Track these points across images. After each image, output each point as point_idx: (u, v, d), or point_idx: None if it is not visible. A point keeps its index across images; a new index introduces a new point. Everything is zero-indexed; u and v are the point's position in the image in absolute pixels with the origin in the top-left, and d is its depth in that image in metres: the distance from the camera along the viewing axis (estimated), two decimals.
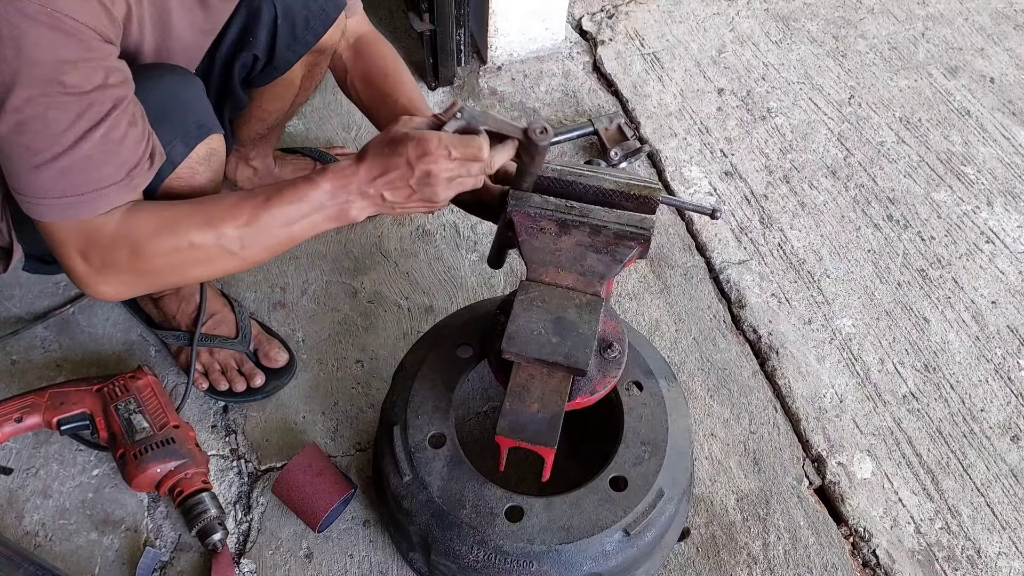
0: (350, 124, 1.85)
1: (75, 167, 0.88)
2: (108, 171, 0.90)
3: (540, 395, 1.01)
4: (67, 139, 0.86)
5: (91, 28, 0.85)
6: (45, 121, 0.84)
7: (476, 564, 1.07)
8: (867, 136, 1.90)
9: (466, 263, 1.62)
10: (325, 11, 1.23)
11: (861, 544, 1.30)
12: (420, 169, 0.93)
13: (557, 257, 1.08)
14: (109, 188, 0.91)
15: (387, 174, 0.95)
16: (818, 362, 1.50)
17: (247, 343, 1.41)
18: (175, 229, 0.95)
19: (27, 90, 0.82)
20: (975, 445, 1.41)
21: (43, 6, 0.80)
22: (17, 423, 1.26)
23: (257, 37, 1.19)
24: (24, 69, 0.81)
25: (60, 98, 0.84)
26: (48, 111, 0.84)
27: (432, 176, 0.94)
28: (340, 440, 1.38)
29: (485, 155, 0.96)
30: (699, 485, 1.34)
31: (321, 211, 0.97)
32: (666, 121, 1.90)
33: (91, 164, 0.88)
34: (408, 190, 0.96)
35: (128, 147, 0.91)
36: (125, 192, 0.92)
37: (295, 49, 1.25)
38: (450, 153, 0.93)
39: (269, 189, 0.97)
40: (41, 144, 0.86)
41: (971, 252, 1.69)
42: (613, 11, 2.16)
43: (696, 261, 1.65)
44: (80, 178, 0.89)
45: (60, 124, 0.85)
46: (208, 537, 1.21)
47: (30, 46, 0.81)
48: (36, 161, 0.87)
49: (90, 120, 0.86)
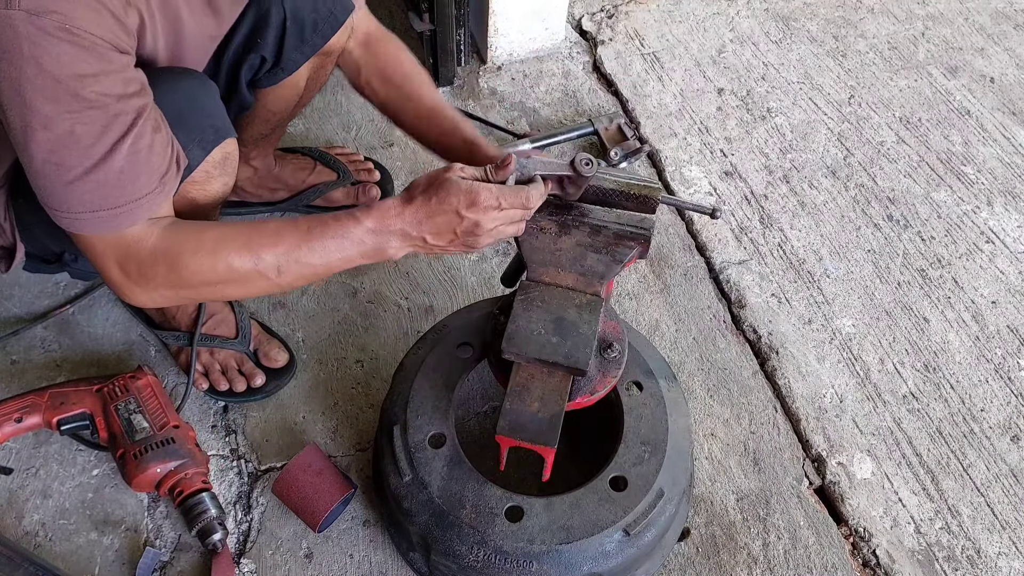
0: (350, 124, 1.85)
1: (109, 180, 0.88)
2: (142, 182, 0.91)
3: (540, 395, 1.01)
4: (97, 152, 0.86)
5: (107, 41, 0.85)
6: (73, 136, 0.85)
7: (476, 564, 1.07)
8: (867, 136, 1.90)
9: (466, 263, 1.62)
10: (333, 14, 1.24)
11: (861, 544, 1.30)
12: (469, 220, 0.96)
13: (557, 257, 1.08)
14: (144, 198, 0.92)
15: (433, 219, 0.97)
16: (818, 362, 1.50)
17: (247, 343, 1.41)
18: (215, 251, 0.96)
19: (51, 106, 0.83)
20: (975, 445, 1.41)
21: (60, 23, 0.80)
22: (17, 423, 1.26)
23: (265, 39, 1.20)
24: (48, 87, 0.82)
25: (85, 112, 0.85)
26: (75, 126, 0.85)
27: (479, 226, 0.97)
28: (340, 440, 1.38)
29: (534, 204, 1.00)
30: (699, 485, 1.34)
31: (360, 247, 0.99)
32: (666, 121, 1.90)
33: (125, 176, 0.89)
34: (452, 235, 0.99)
35: (157, 154, 0.92)
36: (159, 199, 0.94)
37: (303, 51, 1.25)
38: (500, 204, 0.96)
39: (312, 220, 0.99)
40: (72, 159, 0.86)
41: (971, 252, 1.69)
42: (613, 11, 2.16)
43: (696, 261, 1.65)
44: (115, 191, 0.90)
45: (88, 138, 0.86)
46: (208, 537, 1.21)
47: (51, 63, 0.81)
48: (68, 177, 0.87)
49: (117, 132, 0.87)
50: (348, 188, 1.64)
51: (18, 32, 0.79)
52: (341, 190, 1.64)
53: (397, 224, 0.98)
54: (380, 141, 1.82)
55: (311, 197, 1.62)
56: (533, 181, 1.03)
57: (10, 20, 0.79)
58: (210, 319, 1.40)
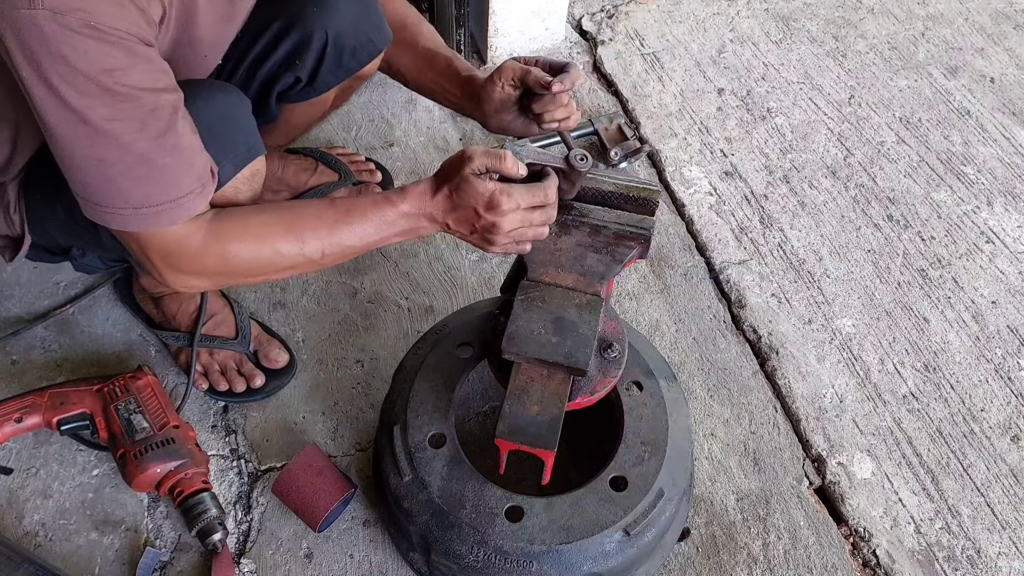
0: (350, 124, 1.85)
1: (152, 177, 0.89)
2: (185, 181, 0.92)
3: (540, 397, 1.01)
4: (137, 148, 0.87)
5: (132, 35, 0.86)
6: (111, 131, 0.85)
7: (476, 564, 1.07)
8: (867, 136, 1.90)
9: (466, 263, 1.62)
10: (373, 42, 1.26)
11: (861, 544, 1.30)
12: (487, 220, 1.00)
13: (557, 257, 1.08)
14: (186, 197, 0.93)
15: (456, 211, 1.02)
16: (818, 362, 1.50)
17: (247, 344, 1.41)
18: (263, 237, 1.00)
19: (85, 100, 0.83)
20: (975, 445, 1.41)
21: (85, 20, 0.81)
22: (17, 423, 1.26)
23: (304, 61, 1.23)
24: (79, 83, 0.82)
25: (118, 106, 0.85)
26: (111, 121, 0.85)
27: (496, 227, 1.00)
28: (340, 440, 1.38)
29: (552, 197, 1.03)
30: (699, 485, 1.34)
31: (396, 227, 1.04)
32: (666, 121, 1.90)
33: (168, 174, 0.90)
34: (471, 228, 1.03)
35: (199, 156, 0.93)
36: (200, 200, 0.95)
37: (337, 75, 1.28)
38: (519, 206, 1.00)
39: (348, 202, 1.04)
40: (112, 154, 0.87)
41: (971, 252, 1.69)
42: (613, 11, 2.16)
43: (696, 261, 1.65)
44: (158, 188, 0.90)
45: (127, 133, 0.86)
46: (208, 537, 1.21)
47: (79, 60, 0.82)
48: (111, 172, 0.88)
49: (156, 129, 0.87)
50: (349, 189, 1.64)
51: (43, 31, 0.80)
52: (343, 190, 1.64)
53: (428, 208, 1.03)
54: (380, 141, 1.82)
55: (313, 197, 1.62)
56: (545, 176, 1.03)
57: (34, 20, 0.79)
58: (210, 319, 1.40)
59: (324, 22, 1.20)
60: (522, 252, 1.07)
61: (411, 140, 1.83)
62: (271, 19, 1.20)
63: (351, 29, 1.23)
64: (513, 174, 1.01)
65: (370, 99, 1.89)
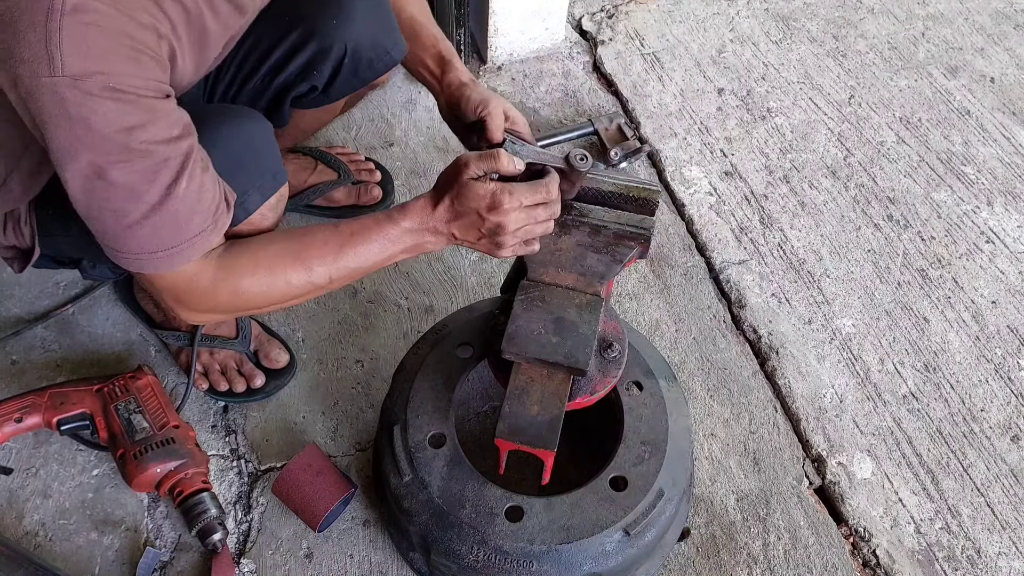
0: (350, 124, 1.85)
1: (166, 223, 0.91)
2: (196, 221, 0.93)
3: (540, 397, 1.01)
4: (152, 197, 0.88)
5: (151, 91, 0.87)
6: (126, 185, 0.87)
7: (476, 564, 1.07)
8: (867, 136, 1.90)
9: (466, 263, 1.62)
10: (390, 54, 1.26)
11: (861, 544, 1.30)
12: (491, 221, 0.99)
13: (557, 257, 1.08)
14: (198, 236, 0.94)
15: (460, 219, 1.01)
16: (818, 362, 1.50)
17: (247, 344, 1.41)
18: (272, 269, 1.01)
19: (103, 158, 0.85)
20: (975, 445, 1.41)
21: (105, 83, 0.82)
22: (17, 423, 1.26)
23: (321, 72, 1.24)
24: (98, 143, 0.84)
25: (135, 161, 0.86)
26: (127, 176, 0.87)
27: (502, 227, 1.00)
28: (340, 440, 1.38)
29: (554, 194, 1.02)
30: (699, 485, 1.34)
31: (400, 245, 1.04)
32: (666, 121, 1.90)
33: (180, 218, 0.91)
34: (477, 233, 1.02)
35: (208, 192, 0.94)
36: (213, 236, 0.96)
37: (352, 84, 1.29)
38: (521, 203, 0.99)
39: (353, 224, 1.04)
40: (127, 206, 0.89)
41: (971, 252, 1.69)
42: (613, 11, 2.16)
43: (696, 261, 1.65)
44: (172, 232, 0.92)
45: (141, 185, 0.88)
46: (208, 537, 1.21)
47: (99, 122, 0.83)
48: (127, 222, 0.90)
49: (169, 176, 0.89)
50: (349, 188, 1.64)
51: (64, 98, 0.81)
52: (342, 190, 1.64)
53: (431, 222, 1.02)
54: (380, 141, 1.82)
55: (312, 196, 1.62)
56: (546, 173, 1.03)
57: (55, 88, 0.81)
58: None
59: (343, 34, 1.21)
60: (531, 252, 1.06)
61: (411, 140, 1.83)
62: (291, 28, 1.21)
63: (369, 41, 1.23)
64: (511, 171, 1.01)
65: (370, 99, 1.89)
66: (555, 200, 1.03)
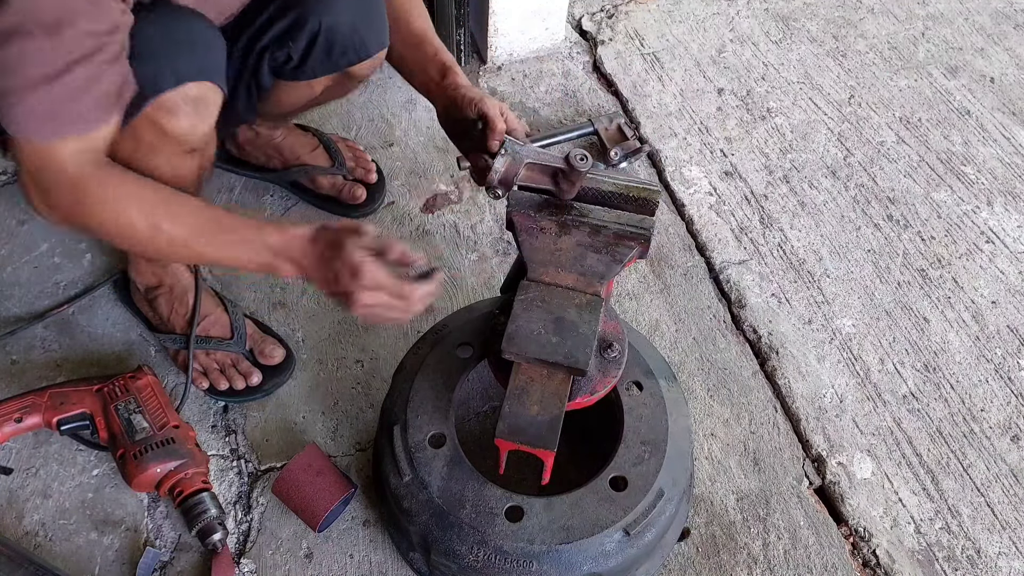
0: (350, 124, 1.85)
1: (57, 95, 0.89)
2: (87, 101, 0.91)
3: (540, 397, 1.01)
4: (53, 70, 0.87)
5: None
6: (34, 52, 0.86)
7: (476, 564, 1.07)
8: (867, 136, 1.90)
9: (466, 263, 1.62)
10: (365, 44, 1.28)
11: (861, 544, 1.30)
12: (346, 286, 1.01)
13: (557, 257, 1.08)
14: (83, 115, 0.92)
15: (319, 267, 1.03)
16: (818, 362, 1.50)
17: (243, 344, 1.41)
18: (127, 201, 0.99)
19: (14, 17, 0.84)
20: (975, 445, 1.41)
21: None
22: (17, 423, 1.26)
23: (296, 42, 1.25)
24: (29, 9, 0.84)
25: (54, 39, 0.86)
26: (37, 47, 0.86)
27: (352, 296, 1.01)
28: (340, 440, 1.38)
29: (416, 303, 1.04)
30: (699, 485, 1.34)
31: (257, 257, 1.04)
32: (666, 121, 1.90)
33: (69, 93, 0.90)
34: (329, 287, 1.04)
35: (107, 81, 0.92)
36: (92, 126, 0.94)
37: (325, 66, 1.30)
38: (378, 287, 1.01)
39: (230, 216, 1.05)
40: (29, 69, 0.87)
41: (971, 252, 1.69)
42: (613, 11, 2.16)
43: (696, 261, 1.65)
44: (61, 104, 0.90)
45: (45, 56, 0.87)
46: (208, 537, 1.21)
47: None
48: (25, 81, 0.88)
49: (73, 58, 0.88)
50: (334, 179, 1.64)
51: None
52: (328, 179, 1.64)
53: (296, 253, 1.04)
54: (380, 141, 1.82)
55: (298, 175, 1.64)
56: (430, 278, 1.05)
57: None
58: (203, 320, 1.40)
59: (320, 12, 1.23)
60: (374, 324, 1.06)
61: (411, 140, 1.83)
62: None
63: (347, 28, 1.25)
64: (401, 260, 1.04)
65: (370, 99, 1.89)
66: (413, 307, 1.04)
